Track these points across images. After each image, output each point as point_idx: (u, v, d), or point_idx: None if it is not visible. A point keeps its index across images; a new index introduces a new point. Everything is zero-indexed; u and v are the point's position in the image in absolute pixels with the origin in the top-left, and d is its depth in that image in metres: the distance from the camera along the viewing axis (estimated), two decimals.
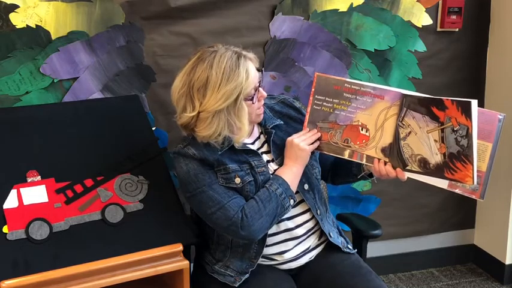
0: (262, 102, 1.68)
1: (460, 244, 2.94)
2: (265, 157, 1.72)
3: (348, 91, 1.62)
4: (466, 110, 1.42)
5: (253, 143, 1.73)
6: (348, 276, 1.71)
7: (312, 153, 1.72)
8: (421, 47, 2.57)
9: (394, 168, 1.60)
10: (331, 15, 2.40)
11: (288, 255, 1.73)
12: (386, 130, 1.59)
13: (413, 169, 1.56)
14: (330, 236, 1.78)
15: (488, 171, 1.51)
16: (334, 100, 1.64)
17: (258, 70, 1.66)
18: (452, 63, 2.66)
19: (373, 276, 1.72)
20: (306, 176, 1.72)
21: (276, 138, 1.74)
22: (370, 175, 1.73)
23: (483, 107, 2.74)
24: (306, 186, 1.73)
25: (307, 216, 1.75)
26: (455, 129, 1.45)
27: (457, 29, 2.61)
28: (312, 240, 1.78)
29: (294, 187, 1.65)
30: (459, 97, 1.47)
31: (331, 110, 1.65)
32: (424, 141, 1.52)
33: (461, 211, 2.85)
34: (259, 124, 1.76)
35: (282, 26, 2.34)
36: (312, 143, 1.67)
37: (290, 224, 1.72)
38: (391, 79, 2.55)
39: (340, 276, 1.72)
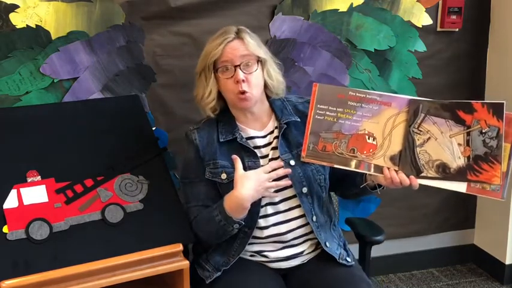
0: (241, 87, 1.65)
1: (460, 244, 2.94)
2: (272, 153, 1.72)
3: (353, 99, 1.59)
4: (498, 112, 1.48)
5: (264, 136, 1.74)
6: (337, 284, 1.67)
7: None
8: (421, 47, 2.57)
9: (407, 175, 1.56)
10: (331, 15, 2.40)
11: (272, 255, 1.72)
12: (395, 138, 1.57)
13: (429, 175, 1.55)
14: (326, 246, 1.74)
15: (508, 171, 1.52)
16: (338, 109, 1.60)
17: (259, 59, 1.69)
18: (452, 63, 2.66)
19: (364, 285, 1.68)
20: (307, 179, 1.71)
21: (287, 134, 1.73)
22: (373, 188, 1.67)
23: None
24: (305, 190, 1.71)
25: (302, 221, 1.73)
26: (484, 131, 1.49)
27: (457, 29, 2.61)
28: (306, 247, 1.75)
29: (239, 214, 1.59)
30: (460, 97, 1.49)
31: (334, 120, 1.60)
32: (446, 145, 1.53)
33: (461, 211, 2.85)
34: (277, 119, 1.77)
35: (282, 26, 2.34)
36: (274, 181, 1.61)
37: (283, 228, 1.71)
38: (391, 79, 2.55)
39: (330, 283, 1.67)
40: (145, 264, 1.61)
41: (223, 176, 1.68)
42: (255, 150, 1.71)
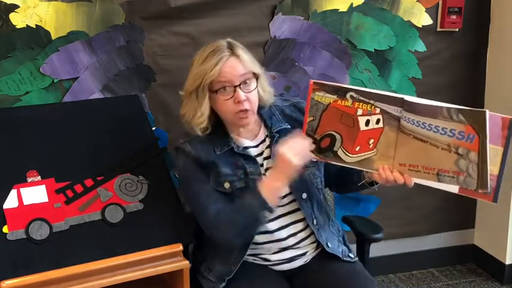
0: (242, 106, 1.61)
1: (460, 244, 2.94)
2: (266, 163, 1.69)
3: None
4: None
5: (256, 146, 1.71)
6: (342, 282, 1.68)
7: (315, 162, 1.68)
8: (421, 47, 2.57)
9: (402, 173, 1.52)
10: (331, 15, 2.40)
11: (273, 258, 1.72)
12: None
13: None
14: (328, 246, 1.73)
15: (501, 175, 1.46)
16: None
17: (255, 75, 1.63)
18: (452, 63, 2.66)
19: (368, 282, 1.69)
20: (305, 185, 1.69)
21: (279, 142, 1.69)
22: (371, 184, 1.65)
23: (483, 107, 2.75)
24: (304, 195, 1.70)
25: (302, 224, 1.72)
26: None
27: (457, 29, 2.61)
28: (309, 248, 1.75)
29: (273, 200, 1.56)
30: (460, 97, 1.46)
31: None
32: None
33: (461, 211, 2.85)
34: (266, 127, 1.73)
35: (282, 26, 2.34)
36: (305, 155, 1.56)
37: (283, 233, 1.70)
38: (391, 79, 2.55)
39: (335, 281, 1.68)
40: (145, 264, 1.61)
41: (227, 185, 1.63)
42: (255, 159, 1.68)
